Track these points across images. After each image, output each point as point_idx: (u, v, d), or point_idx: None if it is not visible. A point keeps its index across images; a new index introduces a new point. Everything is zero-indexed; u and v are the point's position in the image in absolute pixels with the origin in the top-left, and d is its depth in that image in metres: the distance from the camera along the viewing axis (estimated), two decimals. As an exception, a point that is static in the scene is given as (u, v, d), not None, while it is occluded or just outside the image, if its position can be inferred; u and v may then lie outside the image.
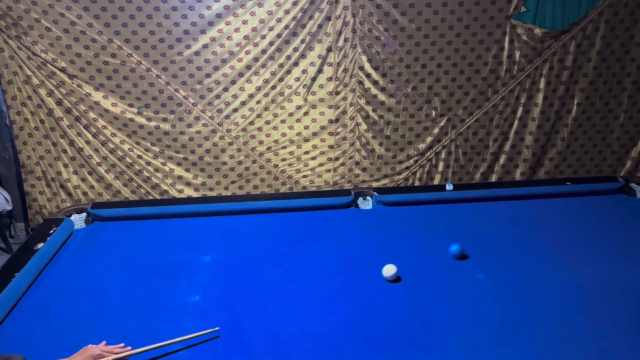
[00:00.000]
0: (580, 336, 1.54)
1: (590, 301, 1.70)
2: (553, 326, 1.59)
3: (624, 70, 3.41)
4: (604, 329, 1.57)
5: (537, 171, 3.67)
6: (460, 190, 2.44)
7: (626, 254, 1.94)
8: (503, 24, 3.26)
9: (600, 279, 1.81)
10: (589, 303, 1.69)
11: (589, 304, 1.69)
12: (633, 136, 3.59)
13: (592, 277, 1.82)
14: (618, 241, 2.03)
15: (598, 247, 2.00)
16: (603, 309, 1.66)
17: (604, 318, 1.62)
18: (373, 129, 3.49)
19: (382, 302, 1.72)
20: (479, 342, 1.53)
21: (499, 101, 3.46)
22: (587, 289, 1.76)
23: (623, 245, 2.00)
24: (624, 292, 1.74)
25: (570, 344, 1.51)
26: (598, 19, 3.26)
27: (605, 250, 1.97)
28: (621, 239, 2.03)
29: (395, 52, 3.28)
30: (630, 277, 1.81)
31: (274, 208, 2.36)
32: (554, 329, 1.58)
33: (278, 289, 1.79)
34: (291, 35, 3.20)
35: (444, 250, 1.99)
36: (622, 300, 1.70)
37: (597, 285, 1.78)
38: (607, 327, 1.58)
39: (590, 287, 1.77)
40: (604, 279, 1.81)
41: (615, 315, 1.63)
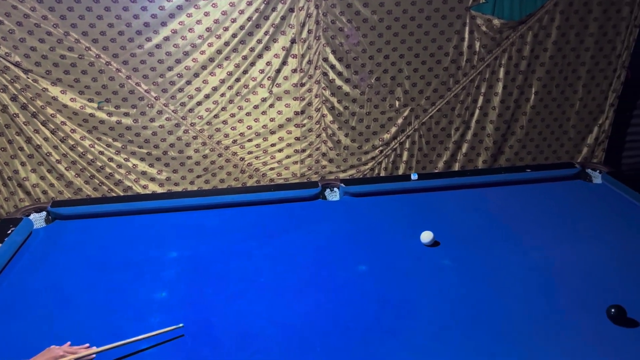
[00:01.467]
0: (542, 316, 1.61)
1: (550, 282, 1.77)
2: (517, 308, 1.65)
3: (578, 60, 3.53)
4: (564, 309, 1.64)
5: (498, 159, 3.77)
6: (425, 180, 2.48)
7: (584, 237, 2.02)
8: (463, 15, 3.31)
9: (560, 261, 1.89)
10: (549, 284, 1.76)
11: (549, 285, 1.76)
12: (588, 123, 3.73)
13: (552, 260, 1.90)
14: (576, 225, 2.11)
15: (557, 231, 2.07)
16: (563, 290, 1.73)
17: (564, 298, 1.69)
18: (339, 120, 3.50)
19: (351, 291, 1.75)
20: (447, 326, 1.58)
21: (460, 91, 3.53)
22: (547, 271, 1.83)
23: (581, 228, 2.08)
24: (581, 272, 1.82)
25: (533, 324, 1.58)
26: (554, 9, 3.35)
27: (564, 233, 2.05)
28: (579, 223, 2.12)
29: (359, 44, 3.30)
30: (587, 258, 1.89)
31: (241, 202, 2.35)
32: (517, 311, 1.64)
33: (246, 282, 1.79)
34: (254, 27, 3.17)
35: (410, 239, 2.04)
36: (580, 280, 1.78)
37: (556, 267, 1.85)
38: (568, 306, 1.65)
39: (550, 269, 1.84)
40: (563, 261, 1.89)
41: (575, 295, 1.70)
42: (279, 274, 1.83)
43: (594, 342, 1.50)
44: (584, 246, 1.96)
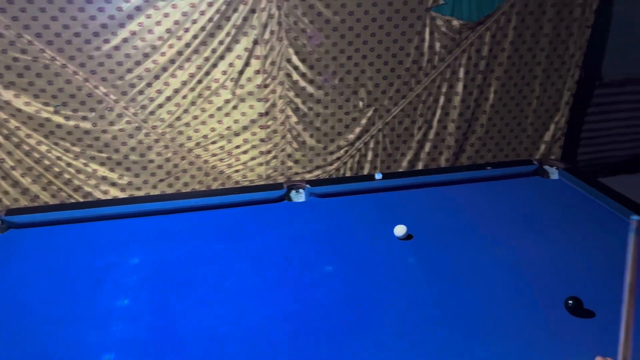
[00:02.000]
0: (504, 311, 1.65)
1: (510, 277, 1.82)
2: (480, 303, 1.69)
3: (535, 59, 3.64)
4: (526, 303, 1.68)
5: (460, 157, 3.84)
6: (389, 179, 2.51)
7: (542, 233, 2.08)
8: (423, 16, 3.37)
9: (520, 256, 1.94)
10: (510, 279, 1.81)
11: (510, 280, 1.80)
12: (545, 121, 3.85)
13: (512, 255, 1.94)
14: (535, 220, 2.17)
15: (517, 226, 2.13)
16: (524, 284, 1.78)
17: (525, 292, 1.74)
18: (303, 121, 3.50)
19: (318, 292, 1.75)
20: (413, 324, 1.60)
21: (422, 91, 3.58)
22: (508, 267, 1.88)
23: (539, 223, 2.14)
24: (540, 267, 1.87)
25: (496, 319, 1.61)
26: (510, 11, 3.45)
27: (524, 229, 2.11)
28: (537, 218, 2.18)
29: (321, 45, 3.31)
30: (545, 253, 1.95)
31: (205, 205, 2.32)
32: (481, 306, 1.67)
33: (211, 287, 1.77)
34: (216, 28, 3.14)
35: (376, 238, 2.05)
36: (539, 274, 1.83)
37: (516, 262, 1.90)
38: (529, 300, 1.70)
39: (511, 265, 1.89)
40: (523, 256, 1.94)
41: (535, 289, 1.75)
42: (244, 277, 1.81)
43: (554, 334, 1.55)
44: (542, 241, 2.02)
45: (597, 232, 2.06)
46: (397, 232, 2.05)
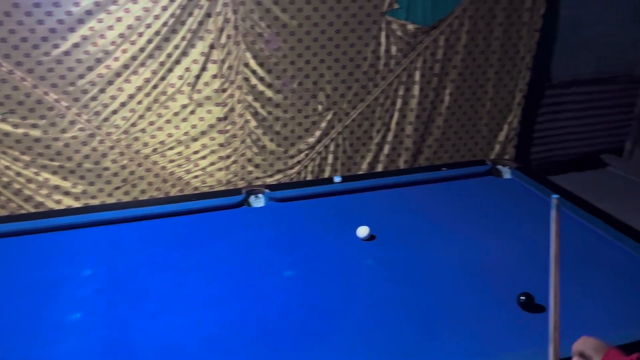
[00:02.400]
0: (460, 309, 1.68)
1: (466, 276, 1.86)
2: (437, 303, 1.72)
3: (487, 62, 3.75)
4: (481, 300, 1.72)
5: (418, 158, 3.91)
6: (348, 182, 2.53)
7: (496, 231, 2.14)
8: (379, 20, 3.41)
9: (475, 255, 1.99)
10: (466, 278, 1.85)
11: (466, 279, 1.84)
12: (499, 122, 3.96)
13: (468, 254, 1.99)
14: (489, 219, 2.23)
15: (472, 225, 2.18)
16: (479, 282, 1.83)
17: (480, 290, 1.78)
18: (263, 125, 3.49)
19: (278, 297, 1.74)
20: (372, 326, 1.61)
21: (379, 94, 3.63)
22: (463, 265, 1.92)
23: (493, 222, 2.21)
24: (494, 264, 1.92)
25: (452, 317, 1.65)
26: (462, 15, 3.54)
27: (479, 228, 2.16)
28: (491, 217, 2.25)
29: (279, 49, 3.31)
30: (499, 251, 2.01)
31: (162, 213, 2.27)
32: (438, 305, 1.70)
33: (168, 296, 1.73)
34: (171, 33, 3.09)
35: (335, 241, 2.06)
36: (493, 272, 1.88)
37: (471, 261, 1.95)
38: (484, 298, 1.74)
39: (467, 263, 1.93)
40: (478, 254, 1.99)
41: (490, 286, 1.80)
42: (202, 286, 1.79)
43: (508, 329, 1.59)
44: (496, 238, 2.08)
45: (547, 229, 2.13)
46: (360, 234, 2.07)
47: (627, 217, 3.62)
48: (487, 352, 1.48)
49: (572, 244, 2.03)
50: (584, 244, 2.03)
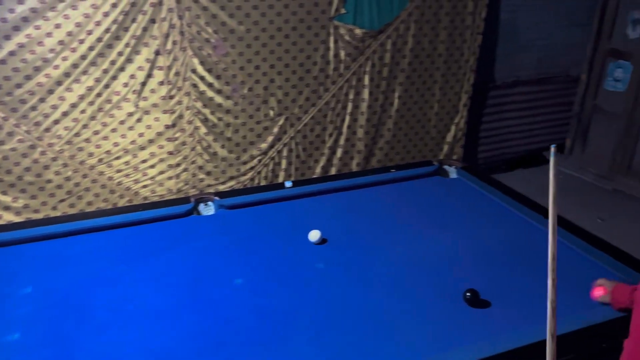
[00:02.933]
0: (410, 308, 1.72)
1: (415, 275, 1.90)
2: (387, 302, 1.74)
3: (433, 65, 3.84)
4: (429, 298, 1.76)
5: (370, 161, 3.96)
6: (300, 186, 2.53)
7: (443, 229, 2.20)
8: (327, 25, 3.44)
9: (425, 253, 2.03)
10: (415, 277, 1.89)
11: (415, 278, 1.88)
12: (447, 123, 4.07)
13: (418, 253, 2.03)
14: (436, 218, 2.29)
15: (420, 225, 2.23)
16: (427, 280, 1.87)
17: (428, 288, 1.82)
18: (213, 131, 3.44)
19: (228, 307, 1.72)
20: (323, 328, 1.62)
21: (330, 98, 3.65)
22: (413, 265, 1.96)
23: (440, 221, 2.26)
24: (441, 262, 1.97)
25: (403, 316, 1.68)
26: (408, 19, 3.62)
27: (426, 227, 2.21)
28: (438, 216, 2.30)
29: (227, 54, 3.28)
30: (448, 250, 2.06)
31: (108, 225, 2.21)
32: (388, 305, 1.73)
33: (114, 311, 1.68)
34: (114, 39, 3.00)
35: (286, 246, 2.06)
36: (441, 270, 1.93)
37: (420, 260, 1.99)
38: (432, 295, 1.78)
39: (416, 263, 1.97)
40: (426, 253, 2.03)
41: (437, 284, 1.84)
42: (150, 298, 1.74)
43: (455, 325, 1.63)
44: (443, 237, 2.13)
45: (491, 226, 2.21)
46: (312, 238, 2.07)
47: (568, 210, 3.79)
48: (435, 348, 1.51)
49: (516, 239, 2.11)
50: (527, 238, 2.11)
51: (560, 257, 1.98)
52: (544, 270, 1.89)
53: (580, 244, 1.99)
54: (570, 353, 1.45)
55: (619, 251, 1.93)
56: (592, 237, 2.03)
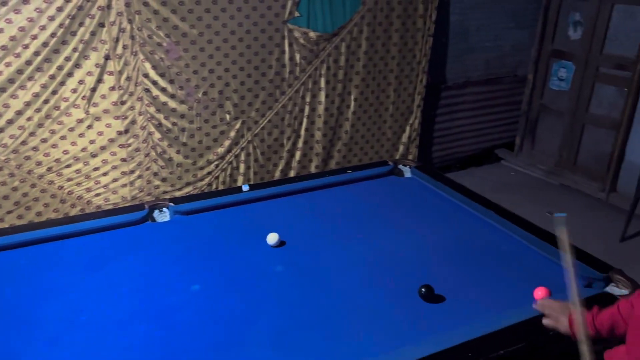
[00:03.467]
0: (368, 307, 1.74)
1: (372, 274, 1.92)
2: (345, 303, 1.76)
3: (387, 67, 3.91)
4: (387, 296, 1.79)
5: (329, 163, 3.99)
6: (257, 190, 2.52)
7: (398, 227, 2.24)
8: (281, 28, 3.45)
9: (381, 252, 2.06)
10: (372, 276, 1.91)
11: (372, 277, 1.91)
12: (402, 124, 4.14)
13: (374, 252, 2.06)
14: (391, 217, 2.33)
15: (376, 224, 2.26)
16: (384, 278, 1.90)
17: (386, 286, 1.85)
18: (168, 137, 3.39)
19: (185, 314, 1.70)
20: (282, 331, 1.62)
21: (287, 101, 3.66)
22: (369, 264, 1.98)
23: (395, 220, 2.30)
24: (397, 260, 2.00)
25: (360, 315, 1.69)
26: (361, 22, 3.67)
27: (382, 226, 2.25)
28: (393, 215, 2.34)
29: (180, 58, 3.23)
30: (404, 248, 2.09)
31: (58, 235, 2.13)
32: (346, 305, 1.75)
33: (65, 323, 1.63)
34: (60, 44, 2.91)
35: (244, 250, 2.05)
36: (397, 268, 1.96)
37: (377, 259, 2.02)
38: (390, 293, 1.81)
39: (372, 262, 2.00)
40: (383, 251, 2.06)
41: (394, 282, 1.87)
42: (102, 309, 1.70)
43: (411, 321, 1.67)
44: (398, 236, 2.17)
45: (444, 223, 2.27)
46: (270, 241, 2.07)
47: (518, 204, 3.92)
48: (392, 345, 1.53)
49: (468, 235, 2.17)
50: (479, 234, 2.17)
51: (511, 250, 2.07)
52: (495, 265, 1.96)
53: (530, 237, 2.07)
54: (521, 342, 1.51)
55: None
56: (542, 231, 2.11)
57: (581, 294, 1.35)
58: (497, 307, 1.69)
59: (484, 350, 1.47)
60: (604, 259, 1.94)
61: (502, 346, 1.49)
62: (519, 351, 1.49)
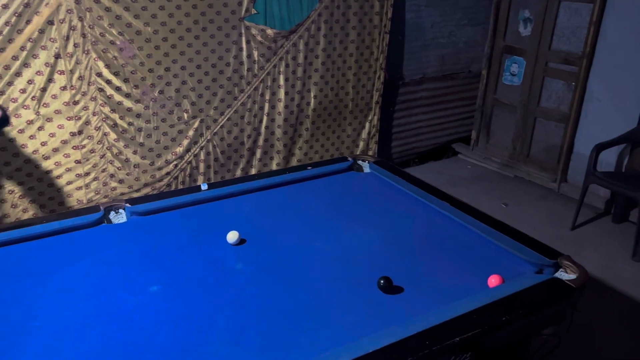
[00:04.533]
0: (329, 299, 1.76)
1: (332, 268, 1.94)
2: (306, 298, 1.77)
3: (345, 64, 3.94)
4: (346, 290, 1.81)
5: (290, 160, 4.00)
6: (217, 188, 2.50)
7: (358, 221, 2.27)
8: (238, 25, 3.43)
9: (341, 246, 2.08)
10: (332, 270, 1.93)
11: (332, 271, 1.93)
12: (361, 120, 4.19)
13: (335, 247, 2.08)
14: (350, 212, 2.35)
15: (336, 220, 2.28)
16: (344, 273, 1.92)
17: (345, 280, 1.87)
18: (124, 137, 3.32)
19: (144, 315, 1.67)
20: (244, 328, 1.62)
21: (246, 99, 3.64)
22: (330, 259, 2.00)
23: (354, 214, 2.33)
24: (357, 254, 2.03)
25: (321, 309, 1.71)
26: (318, 19, 3.69)
27: (342, 221, 2.27)
28: (353, 210, 2.37)
29: (135, 57, 3.17)
30: (363, 241, 2.12)
31: (7, 240, 2.06)
32: (307, 301, 1.76)
33: (18, 330, 1.58)
34: (7, 43, 2.81)
35: (203, 249, 2.03)
36: (359, 262, 1.99)
37: (339, 254, 2.04)
38: (349, 287, 1.83)
39: (333, 257, 2.02)
40: (343, 246, 2.09)
41: (354, 275, 1.90)
42: (57, 314, 1.65)
43: (371, 312, 1.70)
44: (358, 230, 2.20)
45: (402, 216, 2.32)
46: (230, 239, 2.06)
47: (475, 197, 4.04)
48: (352, 337, 1.55)
49: (426, 228, 2.23)
50: (437, 227, 2.23)
51: (466, 241, 2.13)
52: (452, 257, 2.02)
53: (485, 228, 2.13)
54: (474, 329, 1.56)
55: (520, 234, 2.09)
56: (497, 222, 2.18)
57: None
58: (453, 296, 1.74)
59: (439, 339, 1.51)
60: (555, 246, 2.02)
61: (457, 333, 1.53)
62: (473, 337, 1.54)
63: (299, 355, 1.50)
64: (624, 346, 2.74)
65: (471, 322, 1.59)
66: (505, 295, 1.72)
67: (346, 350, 1.47)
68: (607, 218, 3.98)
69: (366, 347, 1.47)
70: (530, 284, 1.77)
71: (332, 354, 1.46)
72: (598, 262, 3.38)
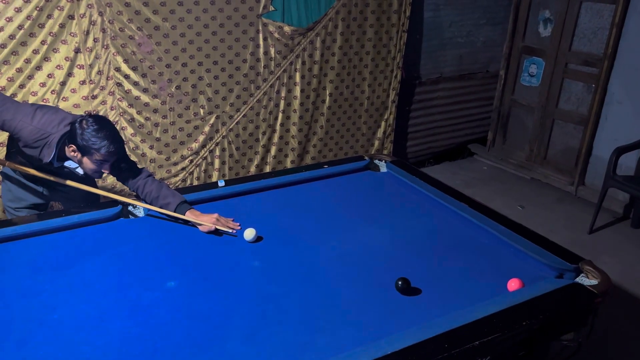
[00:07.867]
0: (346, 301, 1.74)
1: (350, 268, 1.93)
2: (323, 297, 1.76)
3: (362, 63, 3.92)
4: (364, 290, 1.80)
5: (305, 158, 3.99)
6: (233, 185, 2.50)
7: (374, 222, 2.25)
8: (255, 22, 3.42)
9: (358, 246, 2.07)
10: (350, 270, 1.92)
11: (350, 271, 1.91)
12: (377, 119, 4.17)
13: (351, 247, 2.07)
14: (367, 211, 2.34)
15: (353, 219, 2.27)
16: (362, 273, 1.90)
17: (363, 280, 1.86)
18: (140, 132, 3.33)
19: (160, 311, 1.67)
20: (258, 327, 1.61)
21: (262, 96, 3.64)
22: (347, 258, 1.99)
23: (371, 214, 2.31)
24: (375, 254, 2.02)
25: (338, 309, 1.70)
26: (336, 17, 3.67)
27: (359, 220, 2.26)
28: (370, 209, 2.35)
29: (153, 52, 3.18)
30: (380, 241, 2.11)
31: (27, 232, 2.08)
32: (324, 300, 1.75)
33: (37, 322, 1.59)
34: (28, 37, 2.83)
35: (220, 246, 2.03)
36: (375, 261, 1.97)
37: (355, 253, 2.03)
38: (367, 287, 1.82)
39: (350, 256, 2.01)
40: (360, 246, 2.07)
41: (372, 275, 1.88)
42: (75, 307, 1.66)
43: (388, 314, 1.68)
44: (374, 229, 2.18)
45: (419, 216, 2.30)
46: (247, 236, 2.05)
47: (491, 198, 4.00)
48: (370, 338, 1.54)
49: (443, 228, 2.20)
50: (453, 227, 2.20)
51: (485, 243, 2.10)
52: (471, 259, 1.99)
53: (504, 231, 2.10)
54: (495, 333, 1.54)
55: (540, 237, 2.06)
56: (516, 224, 2.15)
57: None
58: (471, 299, 1.72)
59: (459, 342, 1.49)
60: (573, 250, 1.99)
61: (476, 337, 1.51)
62: (493, 342, 1.52)
63: (316, 355, 1.49)
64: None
65: (492, 325, 1.57)
66: (525, 300, 1.69)
67: (365, 350, 1.46)
68: (626, 223, 3.92)
69: (385, 349, 1.46)
70: (551, 289, 1.74)
71: (350, 354, 1.45)
72: (616, 267, 3.32)
